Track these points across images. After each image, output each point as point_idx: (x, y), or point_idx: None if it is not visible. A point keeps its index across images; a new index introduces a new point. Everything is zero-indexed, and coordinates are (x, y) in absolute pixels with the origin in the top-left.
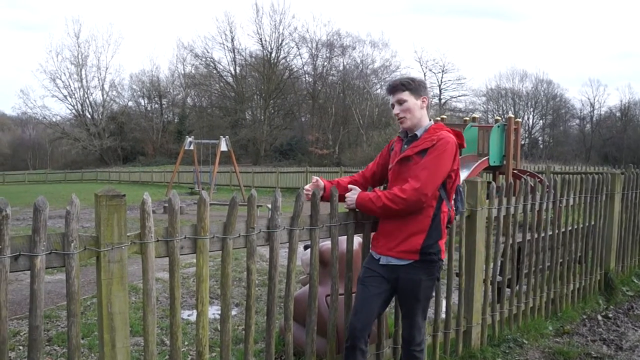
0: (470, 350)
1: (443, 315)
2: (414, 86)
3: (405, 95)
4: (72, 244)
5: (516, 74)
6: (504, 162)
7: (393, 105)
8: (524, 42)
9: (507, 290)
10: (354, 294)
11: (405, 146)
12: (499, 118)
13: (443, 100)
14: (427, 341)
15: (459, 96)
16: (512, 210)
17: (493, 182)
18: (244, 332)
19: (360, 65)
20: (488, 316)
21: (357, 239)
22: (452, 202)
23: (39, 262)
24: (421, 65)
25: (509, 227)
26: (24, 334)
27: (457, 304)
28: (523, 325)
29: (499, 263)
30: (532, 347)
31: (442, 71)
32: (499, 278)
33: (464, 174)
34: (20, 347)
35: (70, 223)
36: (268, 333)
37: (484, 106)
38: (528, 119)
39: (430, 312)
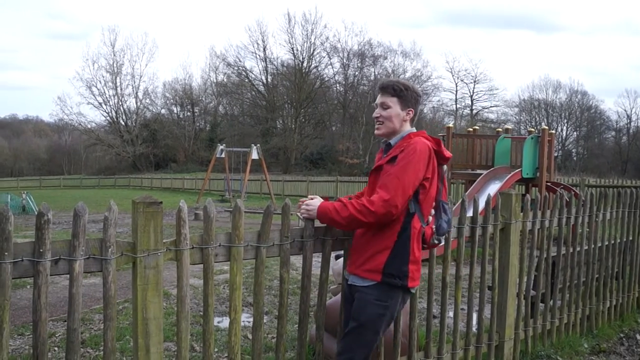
0: None
1: (475, 329)
2: (405, 95)
3: (392, 101)
4: (110, 250)
5: (550, 85)
6: (537, 174)
7: (376, 106)
8: (558, 53)
9: (541, 305)
10: None
11: (383, 155)
12: (532, 129)
13: (475, 111)
14: (458, 354)
15: (491, 107)
16: (546, 223)
17: (527, 195)
18: (273, 340)
19: (392, 75)
20: (521, 331)
21: None
22: (431, 218)
23: (78, 267)
24: (453, 76)
25: (544, 240)
26: (59, 335)
27: (489, 318)
28: (557, 341)
29: (532, 277)
30: None
31: (474, 81)
32: (532, 292)
33: (496, 186)
34: (56, 348)
35: (109, 229)
36: (300, 342)
37: (517, 117)
38: (562, 130)
39: (462, 325)
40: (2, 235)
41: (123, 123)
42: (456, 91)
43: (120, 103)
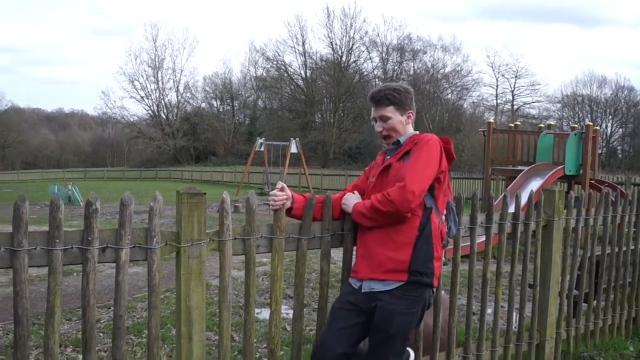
0: None
1: (515, 327)
2: (400, 99)
3: (389, 111)
4: (155, 239)
5: (594, 80)
6: (581, 171)
7: (374, 120)
8: (603, 47)
9: (584, 305)
10: None
11: (388, 157)
12: (576, 125)
13: (516, 107)
14: (497, 352)
15: (532, 102)
16: (591, 221)
17: (571, 192)
18: (311, 332)
19: (431, 69)
20: (563, 331)
21: None
22: (443, 217)
23: (124, 255)
24: (493, 70)
25: (587, 239)
26: (104, 321)
27: (530, 316)
28: (600, 342)
29: (575, 276)
30: None
31: (515, 76)
32: (575, 292)
33: (537, 183)
34: (101, 334)
35: (154, 218)
36: None
37: (559, 113)
38: (606, 127)
39: (502, 322)
40: (54, 223)
41: (164, 116)
42: (497, 86)
43: (161, 97)
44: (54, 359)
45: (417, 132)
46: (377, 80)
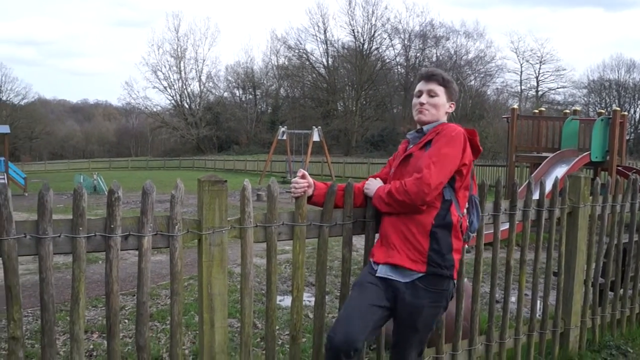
0: (567, 354)
1: (539, 315)
2: (451, 88)
3: (440, 90)
4: (177, 227)
5: (622, 64)
6: (607, 158)
7: (420, 93)
8: (632, 30)
9: (610, 293)
10: None
11: (411, 146)
12: (603, 111)
13: (540, 93)
14: (521, 340)
15: (557, 88)
16: (617, 208)
17: (597, 178)
18: (333, 319)
19: (454, 56)
20: (588, 319)
21: None
22: (465, 211)
23: (146, 242)
24: (518, 56)
25: (614, 226)
26: (129, 308)
27: (554, 305)
28: (627, 332)
29: (601, 264)
30: (638, 357)
31: (540, 62)
32: (601, 280)
33: (562, 170)
34: (126, 321)
35: (175, 206)
36: None
37: (585, 99)
38: (635, 112)
39: (525, 310)
40: (77, 211)
41: (187, 106)
42: (521, 72)
43: (184, 87)
44: (80, 344)
45: (445, 122)
46: (399, 67)
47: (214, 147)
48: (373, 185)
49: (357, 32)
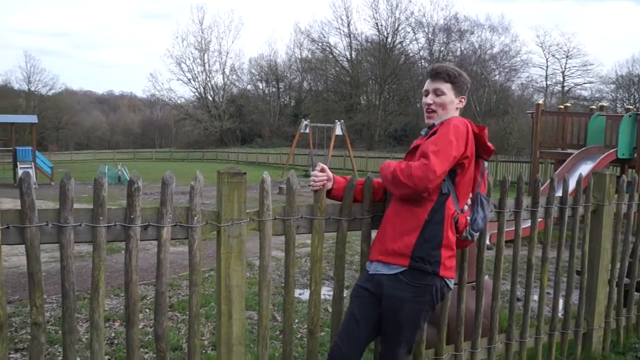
0: (590, 355)
1: (561, 315)
2: (459, 82)
3: (447, 87)
4: (195, 218)
5: None
6: (635, 155)
7: (427, 92)
8: None
9: (636, 294)
10: (468, 285)
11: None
12: (631, 107)
13: (566, 88)
14: (542, 340)
15: (584, 83)
16: None
17: (624, 176)
18: None
19: (479, 50)
20: (612, 320)
21: None
22: (467, 207)
23: (165, 233)
24: (543, 50)
25: None
26: (150, 298)
27: (577, 304)
28: None
29: (627, 264)
30: None
31: (567, 57)
32: (626, 280)
33: (587, 167)
34: (147, 310)
35: (194, 198)
36: None
37: (612, 94)
38: None
39: (547, 309)
40: (97, 201)
41: (211, 98)
42: (547, 67)
43: (208, 79)
44: (99, 331)
45: (455, 117)
46: (423, 61)
47: (237, 139)
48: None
49: (381, 25)
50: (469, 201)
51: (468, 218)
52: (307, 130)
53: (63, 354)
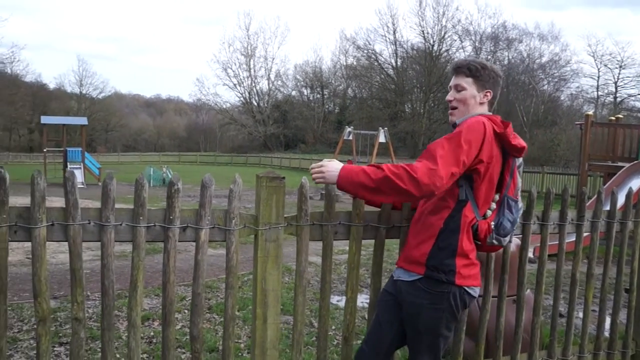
0: None
1: (607, 334)
2: (482, 75)
3: (467, 82)
4: (233, 221)
5: None
6: None
7: (450, 89)
8: None
9: None
10: (508, 298)
11: None
12: None
13: (619, 99)
14: (585, 359)
15: (638, 94)
16: None
17: None
18: None
19: (527, 59)
20: None
21: (516, 240)
22: (490, 212)
23: (203, 235)
24: (595, 60)
25: None
26: (189, 299)
27: (624, 323)
28: None
29: None
30: None
31: (620, 67)
32: None
33: (639, 181)
34: (185, 311)
35: (233, 201)
36: None
37: None
38: None
39: (592, 327)
40: (138, 201)
41: (255, 104)
42: (598, 77)
43: (253, 84)
44: (136, 330)
45: (486, 113)
46: None
47: (280, 145)
48: (333, 163)
49: (427, 33)
50: (493, 205)
51: (492, 224)
52: (351, 137)
53: (102, 349)
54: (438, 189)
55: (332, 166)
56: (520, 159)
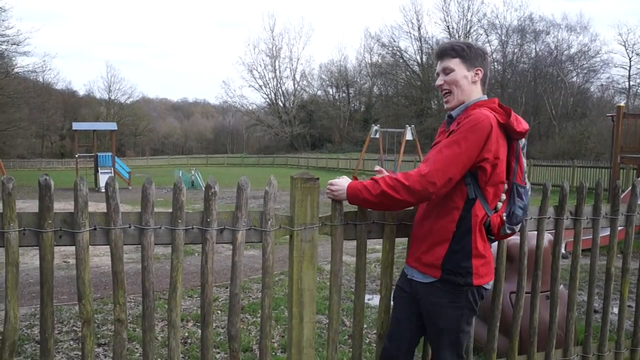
0: None
1: None
2: (469, 54)
3: (454, 63)
4: (269, 222)
5: None
6: None
7: (437, 75)
8: None
9: None
10: (542, 294)
11: (446, 129)
12: None
13: None
14: (623, 355)
15: None
16: None
17: None
18: None
19: (555, 51)
20: None
21: (548, 236)
22: (501, 204)
23: (240, 236)
24: (626, 49)
25: None
26: (222, 300)
27: None
28: None
29: None
30: None
31: None
32: None
33: None
34: (219, 312)
35: (268, 202)
36: None
37: None
38: None
39: (628, 323)
40: (177, 204)
41: (281, 104)
42: (630, 67)
43: (278, 85)
44: (176, 330)
45: (483, 98)
46: (496, 64)
47: (307, 144)
48: (342, 182)
49: (452, 28)
50: (503, 196)
51: (504, 215)
52: (377, 135)
53: (143, 349)
54: (432, 195)
55: (341, 184)
56: (524, 140)
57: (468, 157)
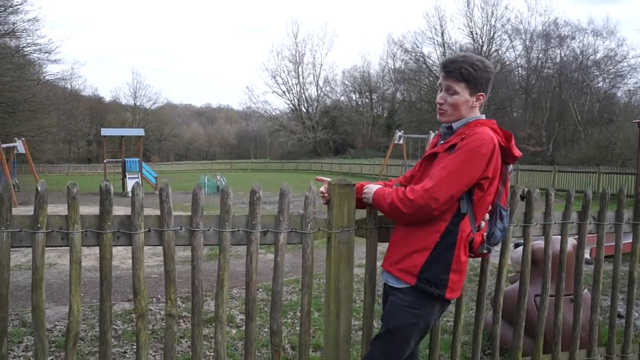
0: None
1: None
2: (474, 77)
3: (460, 87)
4: (309, 225)
5: None
6: None
7: (440, 88)
8: None
9: None
10: (566, 297)
11: (442, 141)
12: None
13: None
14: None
15: None
16: None
17: None
18: (448, 323)
19: (580, 56)
20: None
21: (572, 241)
22: (484, 223)
23: (282, 238)
24: None
25: None
26: (258, 300)
27: None
28: None
29: None
30: None
31: None
32: None
33: None
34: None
35: (308, 206)
36: (476, 324)
37: None
38: None
39: None
40: (224, 208)
41: (304, 110)
42: None
43: (302, 91)
44: (223, 325)
45: (482, 117)
46: (520, 69)
47: (330, 150)
48: (372, 187)
49: (476, 33)
50: (487, 216)
51: (484, 234)
52: (401, 141)
53: (192, 343)
54: (435, 210)
55: (371, 189)
56: (510, 167)
57: (472, 175)
